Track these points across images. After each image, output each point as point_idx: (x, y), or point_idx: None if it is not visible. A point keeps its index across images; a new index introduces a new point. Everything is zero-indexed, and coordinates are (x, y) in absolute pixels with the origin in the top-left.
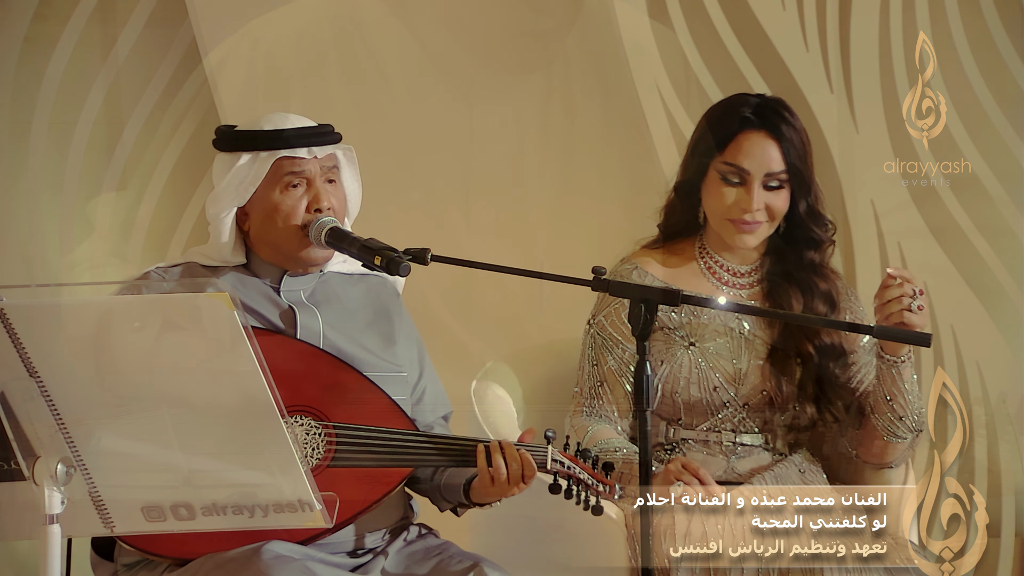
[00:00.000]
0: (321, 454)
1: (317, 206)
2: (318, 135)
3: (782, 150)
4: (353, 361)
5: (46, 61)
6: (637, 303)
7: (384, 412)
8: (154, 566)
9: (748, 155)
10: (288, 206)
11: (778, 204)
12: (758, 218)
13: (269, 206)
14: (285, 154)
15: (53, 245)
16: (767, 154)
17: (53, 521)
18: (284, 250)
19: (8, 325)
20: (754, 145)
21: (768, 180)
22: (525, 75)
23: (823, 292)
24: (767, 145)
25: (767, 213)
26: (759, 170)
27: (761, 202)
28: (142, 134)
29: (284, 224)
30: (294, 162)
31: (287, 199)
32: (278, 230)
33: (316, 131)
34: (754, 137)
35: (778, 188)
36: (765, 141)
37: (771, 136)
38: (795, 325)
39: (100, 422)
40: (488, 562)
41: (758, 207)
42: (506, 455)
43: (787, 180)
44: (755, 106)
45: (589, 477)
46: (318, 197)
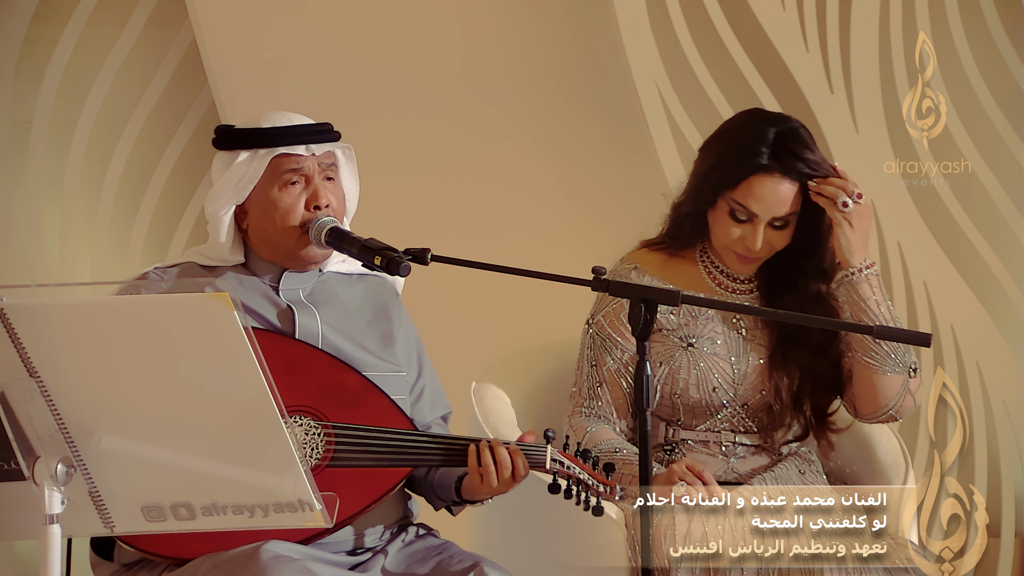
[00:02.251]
0: (321, 454)
1: (316, 203)
2: (316, 133)
3: (799, 192)
4: (352, 361)
5: (46, 61)
6: (637, 303)
7: (383, 412)
8: (153, 566)
9: (759, 199)
10: (287, 203)
11: (780, 243)
12: (759, 255)
13: (268, 204)
14: (283, 151)
15: (53, 245)
16: (777, 199)
17: (53, 521)
18: (283, 248)
19: (8, 325)
20: (766, 189)
21: (774, 221)
22: (525, 75)
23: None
24: (779, 189)
25: (768, 248)
26: (767, 214)
27: (765, 242)
28: (142, 134)
29: (283, 222)
30: (292, 159)
31: (285, 196)
32: (277, 228)
33: (314, 129)
34: (767, 181)
35: (783, 227)
36: (778, 185)
37: (792, 181)
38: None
39: (100, 422)
40: (488, 562)
41: (760, 247)
42: (496, 454)
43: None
44: (772, 144)
45: (589, 477)
46: (317, 194)
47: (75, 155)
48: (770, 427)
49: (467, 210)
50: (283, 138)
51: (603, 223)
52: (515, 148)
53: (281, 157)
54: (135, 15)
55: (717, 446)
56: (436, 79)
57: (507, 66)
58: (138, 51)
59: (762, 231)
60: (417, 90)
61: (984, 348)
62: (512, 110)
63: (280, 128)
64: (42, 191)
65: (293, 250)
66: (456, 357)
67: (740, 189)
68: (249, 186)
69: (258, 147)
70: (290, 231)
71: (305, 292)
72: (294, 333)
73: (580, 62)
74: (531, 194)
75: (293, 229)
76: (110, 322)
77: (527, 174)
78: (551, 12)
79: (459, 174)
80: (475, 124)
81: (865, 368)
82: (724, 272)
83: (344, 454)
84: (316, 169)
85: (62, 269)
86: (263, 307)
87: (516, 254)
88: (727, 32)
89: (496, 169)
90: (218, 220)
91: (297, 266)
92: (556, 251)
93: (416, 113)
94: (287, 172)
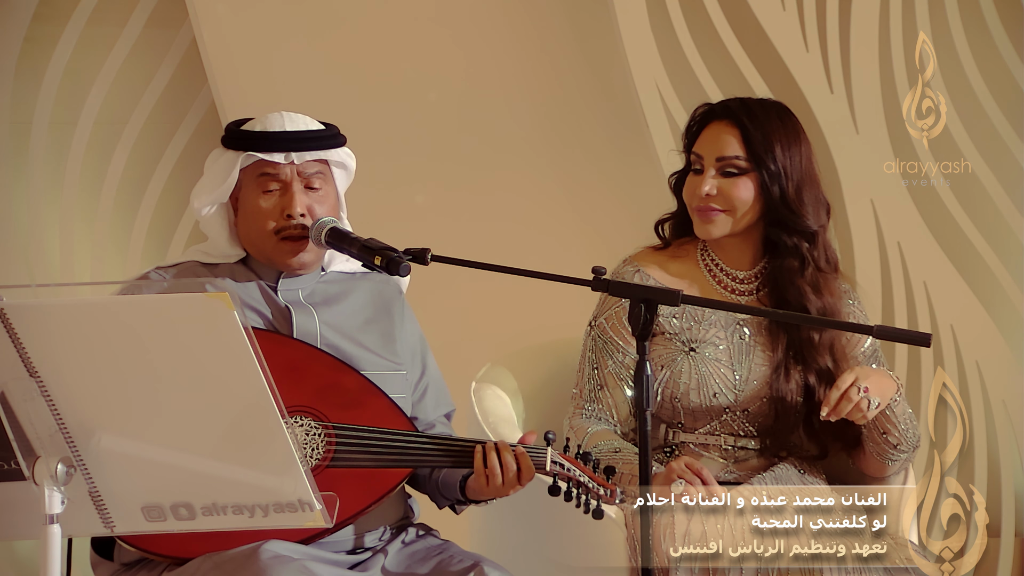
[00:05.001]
0: (321, 454)
1: (289, 211)
2: (301, 140)
3: (742, 137)
4: (352, 360)
5: (46, 61)
6: (637, 303)
7: (383, 412)
8: (153, 566)
9: (704, 142)
10: (263, 209)
11: (735, 192)
12: (713, 205)
13: (249, 207)
14: (261, 157)
15: (53, 245)
16: (722, 140)
17: (53, 521)
18: (264, 252)
19: (8, 325)
20: (712, 133)
21: (723, 166)
22: (525, 75)
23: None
24: (725, 132)
25: (724, 201)
26: (711, 154)
27: (714, 187)
28: (142, 134)
29: (257, 226)
30: (270, 165)
31: (262, 202)
32: (255, 232)
33: (297, 136)
34: (715, 126)
35: (736, 175)
36: (724, 129)
37: (732, 124)
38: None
39: (100, 422)
40: (489, 562)
41: (708, 190)
42: (503, 457)
43: (749, 169)
44: (727, 101)
45: (590, 480)
46: (291, 202)
47: (75, 155)
48: (773, 427)
49: (467, 210)
50: (261, 143)
51: (603, 223)
52: (515, 148)
53: (261, 162)
54: (135, 15)
55: (717, 449)
56: (436, 79)
57: (507, 66)
58: (138, 51)
59: (708, 175)
60: (417, 90)
61: (984, 348)
62: (512, 110)
63: (258, 133)
64: (42, 191)
65: (270, 255)
66: (456, 357)
67: (696, 142)
68: (230, 186)
69: (241, 149)
70: (266, 236)
71: (305, 293)
72: (292, 333)
73: (580, 62)
74: (531, 194)
75: (269, 235)
76: (110, 322)
77: (527, 174)
78: (551, 13)
79: (459, 174)
80: (475, 124)
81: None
82: (725, 271)
83: (344, 455)
84: (295, 177)
85: (62, 269)
86: (261, 306)
87: (516, 254)
88: (727, 32)
89: (496, 169)
90: (201, 217)
91: (286, 271)
92: (556, 251)
93: (416, 113)
94: (263, 177)
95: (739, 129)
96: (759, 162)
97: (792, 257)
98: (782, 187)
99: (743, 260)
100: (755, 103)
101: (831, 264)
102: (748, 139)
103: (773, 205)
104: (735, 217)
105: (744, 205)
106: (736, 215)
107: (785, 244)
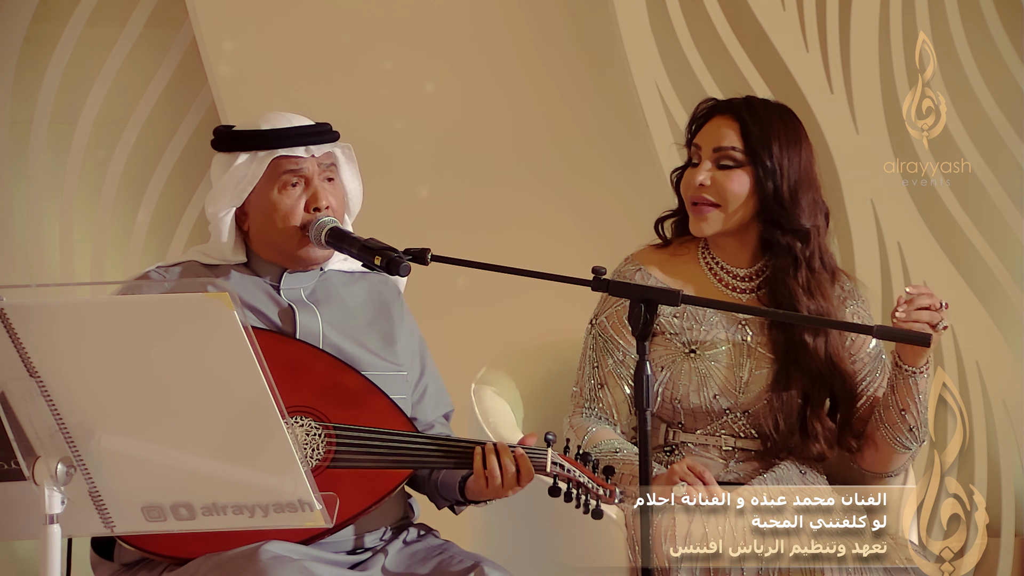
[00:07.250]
0: (321, 455)
1: (315, 205)
2: (315, 134)
3: (740, 130)
4: (353, 361)
5: (46, 61)
6: (637, 303)
7: (383, 413)
8: (153, 566)
9: (704, 134)
10: (287, 205)
11: (728, 185)
12: (706, 196)
13: (268, 206)
14: (282, 153)
15: (53, 245)
16: (720, 131)
17: (53, 521)
18: (283, 249)
19: (8, 325)
20: (713, 125)
21: (719, 157)
22: (525, 75)
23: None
24: (724, 125)
25: (717, 193)
26: (709, 145)
27: (708, 177)
28: (142, 134)
29: (283, 224)
30: (292, 161)
31: (285, 198)
32: (277, 230)
33: (313, 130)
34: (717, 120)
35: (731, 167)
36: (725, 122)
37: (732, 118)
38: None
39: (100, 422)
40: (489, 562)
41: (702, 179)
42: (502, 459)
43: (745, 162)
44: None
45: (589, 481)
46: (316, 196)
47: (75, 155)
48: (773, 428)
49: (467, 210)
50: (282, 140)
51: (602, 223)
52: (515, 148)
53: (280, 159)
54: (135, 15)
55: (717, 450)
56: (436, 79)
57: (507, 66)
58: (138, 51)
59: (704, 165)
60: (417, 90)
61: (984, 348)
62: (512, 110)
63: (279, 130)
64: (42, 191)
65: (293, 251)
66: (456, 357)
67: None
68: (248, 188)
69: (257, 149)
70: (290, 232)
71: (306, 291)
72: (295, 332)
73: (580, 62)
74: (530, 194)
75: (294, 230)
76: (110, 322)
77: (527, 174)
78: (551, 12)
79: (458, 174)
80: (475, 124)
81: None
82: (726, 269)
83: (345, 455)
84: (316, 170)
85: (62, 269)
86: (265, 306)
87: (516, 254)
88: (727, 32)
89: (495, 169)
90: (218, 221)
91: (298, 266)
92: (556, 251)
93: (416, 113)
94: (286, 174)
95: (739, 123)
96: (755, 156)
97: (785, 256)
98: (776, 184)
99: (742, 258)
100: (759, 102)
101: (826, 267)
102: (746, 132)
103: (767, 202)
104: (727, 212)
105: (736, 199)
106: (728, 210)
107: (779, 243)
